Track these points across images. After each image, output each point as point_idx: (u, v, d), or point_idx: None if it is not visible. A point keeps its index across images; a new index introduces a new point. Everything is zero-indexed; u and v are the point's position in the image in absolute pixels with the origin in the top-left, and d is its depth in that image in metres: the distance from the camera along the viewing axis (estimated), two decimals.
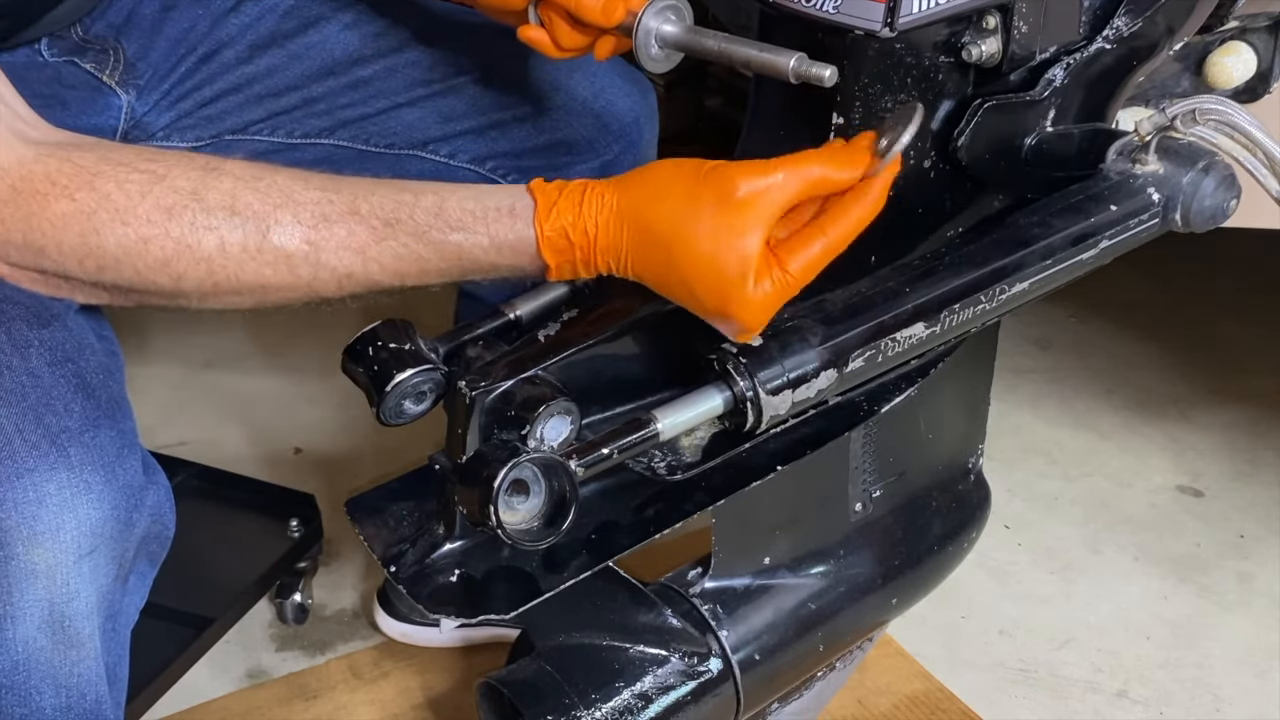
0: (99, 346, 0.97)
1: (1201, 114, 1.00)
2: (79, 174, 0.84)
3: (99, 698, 0.92)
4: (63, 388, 0.87)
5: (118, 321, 1.06)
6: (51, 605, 0.86)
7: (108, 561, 0.88)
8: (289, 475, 1.84)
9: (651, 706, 1.01)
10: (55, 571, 0.85)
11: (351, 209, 0.87)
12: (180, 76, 1.23)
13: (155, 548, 0.96)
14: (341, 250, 0.86)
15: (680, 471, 0.97)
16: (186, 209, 0.84)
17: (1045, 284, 1.02)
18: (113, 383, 0.92)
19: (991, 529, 1.25)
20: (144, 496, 0.90)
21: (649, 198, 0.86)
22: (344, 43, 1.27)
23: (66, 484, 0.84)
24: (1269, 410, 2.11)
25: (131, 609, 0.97)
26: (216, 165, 0.87)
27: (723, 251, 0.84)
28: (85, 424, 0.87)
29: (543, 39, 1.02)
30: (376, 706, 1.53)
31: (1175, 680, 1.63)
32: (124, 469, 0.88)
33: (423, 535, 0.98)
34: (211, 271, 0.85)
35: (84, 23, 1.20)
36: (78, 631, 0.88)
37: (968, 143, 1.01)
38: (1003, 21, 0.97)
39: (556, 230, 0.87)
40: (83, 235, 0.83)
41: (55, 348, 0.89)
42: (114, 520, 0.87)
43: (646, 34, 0.96)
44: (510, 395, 0.91)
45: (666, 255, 0.85)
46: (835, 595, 1.10)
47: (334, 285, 0.88)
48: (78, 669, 0.90)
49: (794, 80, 0.90)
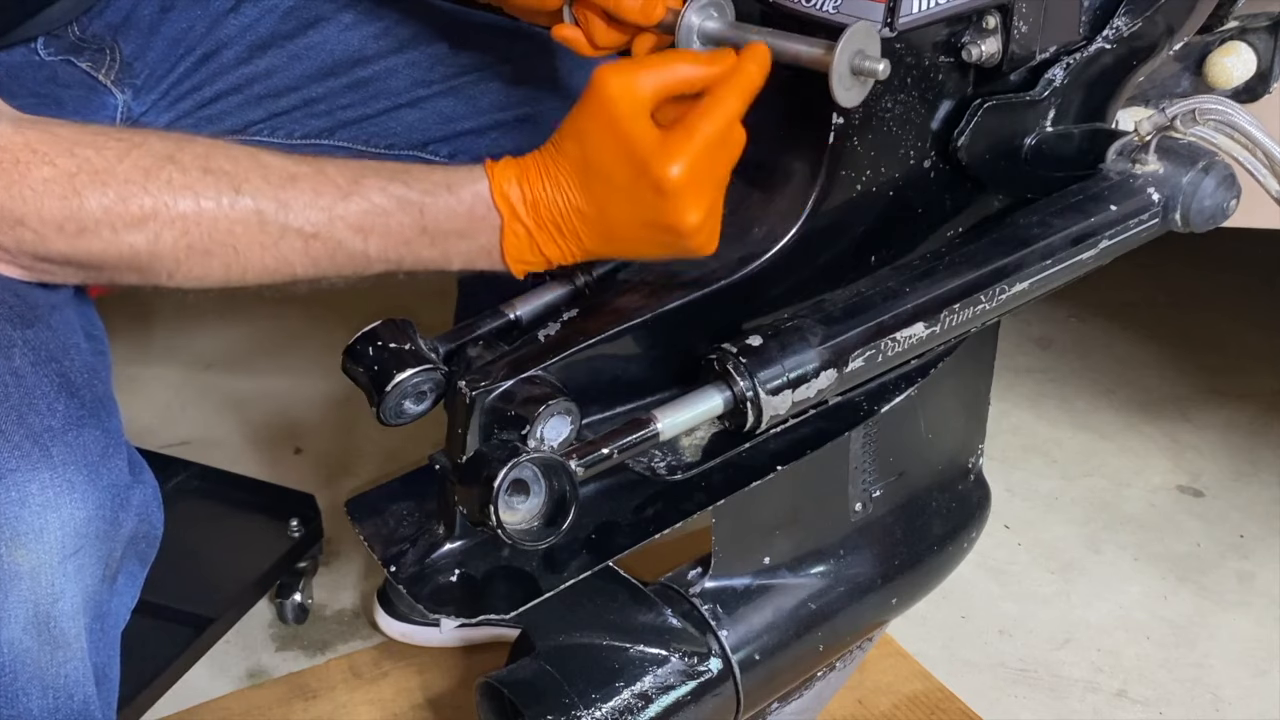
0: (85, 345, 0.96)
1: (1201, 114, 1.01)
2: (58, 142, 0.87)
3: (87, 698, 0.92)
4: (46, 387, 0.87)
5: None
6: (36, 606, 0.85)
7: (93, 562, 0.87)
8: (289, 475, 1.84)
9: (651, 706, 1.01)
10: (39, 572, 0.84)
11: (318, 170, 0.91)
12: (179, 77, 1.23)
13: (144, 547, 0.95)
14: (308, 209, 0.89)
15: (680, 471, 0.97)
16: (163, 169, 0.87)
17: (1045, 284, 1.02)
18: (98, 382, 0.92)
19: (991, 529, 1.25)
20: (130, 496, 0.90)
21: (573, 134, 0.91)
22: (344, 43, 1.27)
23: (49, 484, 0.83)
24: (1269, 410, 2.11)
25: (121, 609, 0.96)
26: (189, 136, 0.91)
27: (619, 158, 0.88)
28: (69, 423, 0.86)
29: (578, 38, 1.02)
30: (376, 706, 1.53)
31: (1175, 680, 1.63)
32: (109, 468, 0.87)
33: (423, 535, 0.98)
34: (186, 230, 0.87)
35: (81, 22, 1.19)
36: (63, 632, 0.88)
37: (968, 143, 1.01)
38: (1003, 21, 0.97)
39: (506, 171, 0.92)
40: (64, 198, 0.86)
41: (39, 347, 0.89)
42: (99, 520, 0.86)
43: (689, 30, 0.96)
44: (510, 395, 0.91)
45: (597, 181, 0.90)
46: (835, 595, 1.11)
47: (300, 248, 0.90)
48: (64, 670, 0.89)
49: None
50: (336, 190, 0.90)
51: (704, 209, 0.89)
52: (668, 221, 0.89)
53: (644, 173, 0.87)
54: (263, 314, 2.25)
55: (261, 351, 2.17)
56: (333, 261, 0.91)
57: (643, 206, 0.89)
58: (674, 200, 0.88)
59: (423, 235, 0.91)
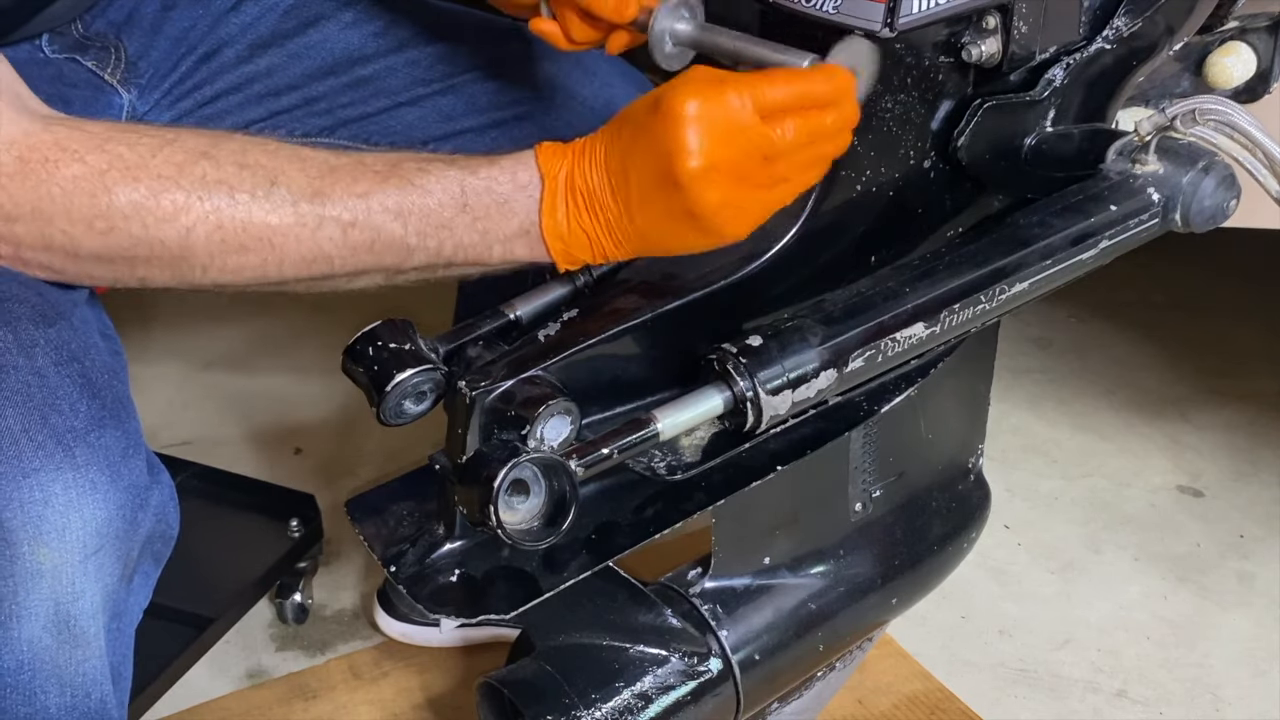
0: (103, 346, 0.97)
1: (1201, 114, 1.00)
2: (89, 139, 0.86)
3: (104, 697, 0.92)
4: (68, 388, 0.87)
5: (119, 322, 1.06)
6: (57, 605, 0.86)
7: (113, 561, 0.88)
8: (289, 475, 1.84)
9: (651, 706, 1.01)
10: (61, 571, 0.85)
11: (357, 161, 0.91)
12: (181, 75, 1.23)
13: (160, 547, 0.96)
14: (346, 195, 0.89)
15: (680, 471, 0.97)
16: (198, 163, 0.87)
17: (1045, 284, 1.02)
18: (117, 383, 0.92)
19: (991, 529, 1.25)
20: (149, 496, 0.90)
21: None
22: (344, 42, 1.27)
23: (72, 484, 0.84)
24: (1269, 410, 2.11)
25: (136, 608, 0.97)
26: (227, 134, 0.91)
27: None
28: (91, 424, 0.86)
29: (554, 31, 1.03)
30: (376, 706, 1.53)
31: (1175, 680, 1.63)
32: (129, 469, 0.88)
33: (423, 535, 0.98)
34: (220, 224, 0.87)
35: (85, 20, 1.20)
36: (83, 631, 0.88)
37: (968, 143, 1.01)
38: (1003, 22, 0.97)
39: (556, 147, 0.91)
40: (93, 195, 0.85)
41: (61, 347, 0.89)
42: (119, 520, 0.87)
43: (661, 32, 0.96)
44: (510, 395, 0.91)
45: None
46: (835, 595, 1.11)
47: (338, 237, 0.89)
48: (83, 668, 0.90)
49: None
50: (374, 176, 0.90)
51: (706, 157, 0.87)
52: (666, 154, 0.87)
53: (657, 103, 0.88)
54: (263, 314, 2.25)
55: (261, 351, 2.17)
56: (371, 251, 0.90)
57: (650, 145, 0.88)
58: (676, 130, 0.87)
59: (463, 213, 0.90)
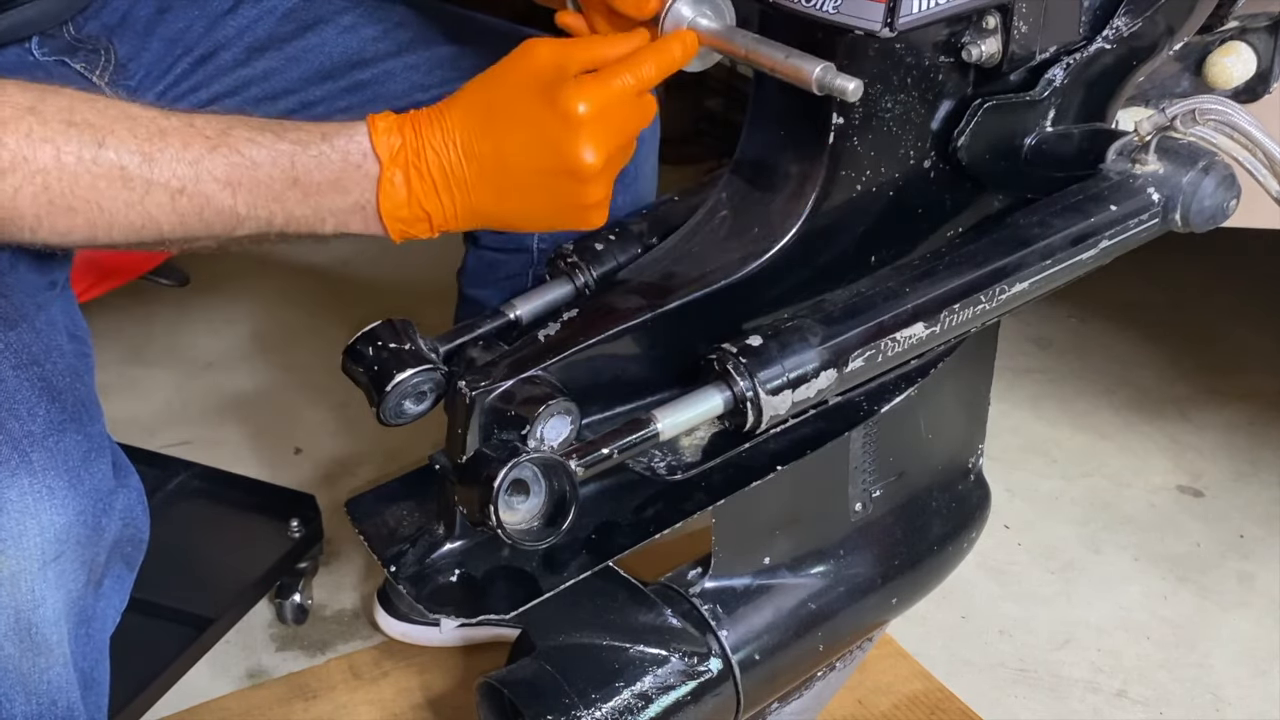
0: (68, 348, 0.95)
1: (1201, 114, 1.00)
2: None
3: (70, 704, 0.91)
4: (27, 392, 0.86)
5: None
6: (17, 613, 0.85)
7: (76, 567, 0.87)
8: (289, 475, 1.84)
9: (651, 706, 1.01)
10: (19, 579, 0.84)
11: (187, 123, 0.88)
12: (176, 78, 1.23)
13: (130, 550, 0.95)
14: (175, 162, 0.87)
15: (680, 471, 0.97)
16: (22, 120, 0.85)
17: (1045, 284, 1.02)
18: (80, 385, 0.91)
19: (991, 529, 1.25)
20: (113, 500, 0.89)
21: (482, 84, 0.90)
22: (343, 46, 1.27)
23: (29, 490, 0.83)
24: (1269, 410, 2.11)
25: (109, 613, 0.96)
26: (54, 88, 0.88)
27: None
28: (50, 428, 0.85)
29: (580, 25, 1.03)
30: (376, 706, 1.53)
31: (1175, 680, 1.63)
32: (90, 473, 0.86)
33: (423, 535, 0.98)
34: (47, 185, 0.85)
35: (77, 22, 1.19)
36: (45, 638, 0.87)
37: (968, 143, 1.01)
38: (1003, 21, 0.97)
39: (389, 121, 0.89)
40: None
41: (21, 350, 0.88)
42: (80, 525, 0.85)
43: (677, 24, 0.95)
44: (510, 395, 0.91)
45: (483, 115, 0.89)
46: (835, 595, 1.11)
47: (167, 204, 0.87)
48: (47, 676, 0.89)
49: (818, 91, 0.89)
50: (205, 142, 0.87)
51: (603, 154, 0.87)
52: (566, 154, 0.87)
53: (553, 104, 0.86)
54: (263, 314, 2.25)
55: (261, 351, 2.17)
56: (200, 219, 0.89)
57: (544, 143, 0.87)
58: (576, 132, 0.86)
59: (294, 188, 0.89)
